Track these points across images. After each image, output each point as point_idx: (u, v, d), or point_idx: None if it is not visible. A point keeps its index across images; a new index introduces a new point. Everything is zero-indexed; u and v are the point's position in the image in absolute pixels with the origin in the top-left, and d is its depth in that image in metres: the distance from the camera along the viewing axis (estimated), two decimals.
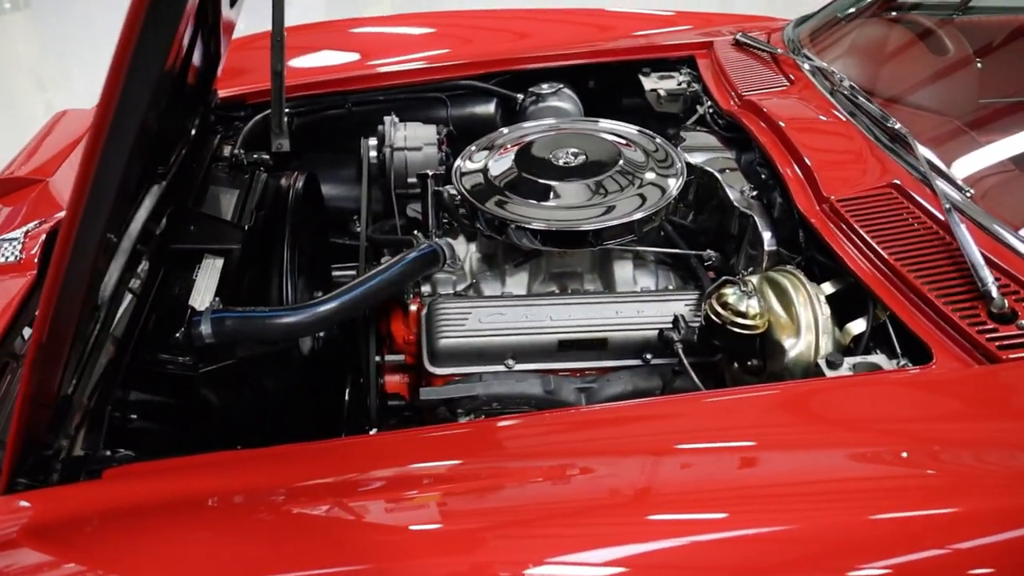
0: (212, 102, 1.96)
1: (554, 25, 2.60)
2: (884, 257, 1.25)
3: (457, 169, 1.64)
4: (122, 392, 1.31)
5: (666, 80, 2.04)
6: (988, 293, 1.13)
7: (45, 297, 0.90)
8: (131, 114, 0.90)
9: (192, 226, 1.56)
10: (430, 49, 2.24)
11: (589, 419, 1.17)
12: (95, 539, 1.04)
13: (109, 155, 0.87)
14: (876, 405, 1.07)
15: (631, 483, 0.98)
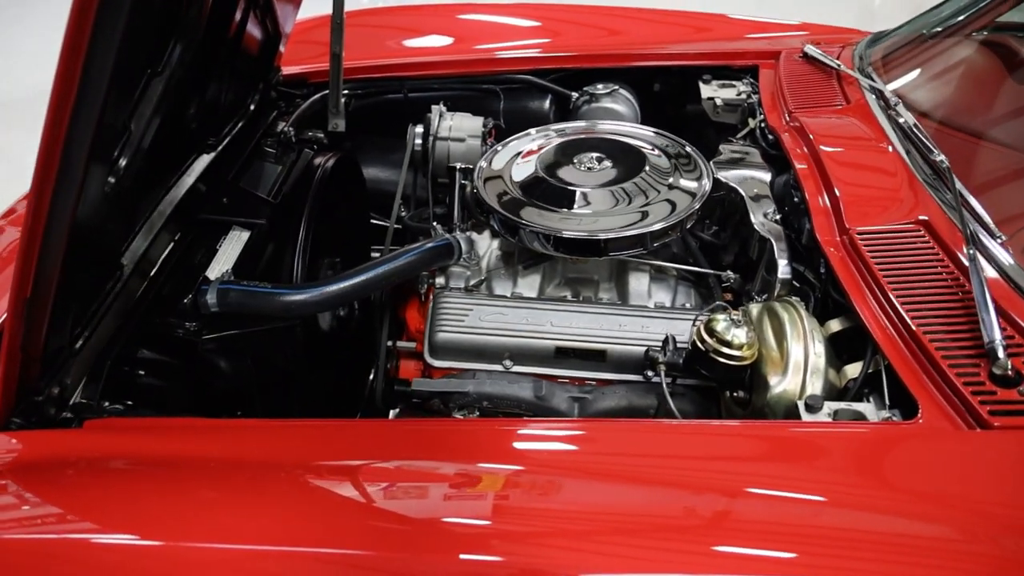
0: (274, 79, 2.03)
1: (648, 25, 2.53)
2: (890, 298, 1.16)
3: (479, 167, 1.64)
4: (132, 349, 1.40)
5: (726, 89, 1.96)
6: (993, 351, 1.03)
7: (23, 254, 0.97)
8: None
9: (225, 198, 1.63)
10: (507, 40, 2.24)
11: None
12: (73, 483, 1.12)
13: (84, 95, 0.88)
14: (828, 457, 1.00)
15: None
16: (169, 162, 1.58)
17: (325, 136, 2.09)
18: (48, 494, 1.10)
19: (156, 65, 1.18)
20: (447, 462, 1.06)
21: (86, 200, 1.03)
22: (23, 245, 0.96)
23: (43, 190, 0.92)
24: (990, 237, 1.20)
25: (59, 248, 1.00)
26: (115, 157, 1.13)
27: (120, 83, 0.96)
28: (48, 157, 0.89)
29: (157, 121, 1.30)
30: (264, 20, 1.76)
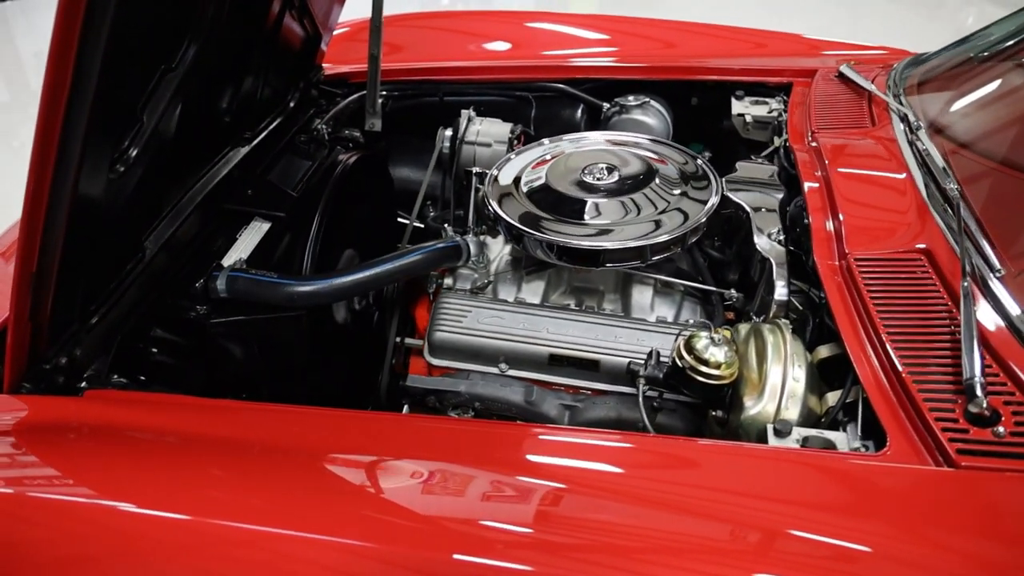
0: (315, 78, 2.11)
1: (705, 39, 2.49)
2: (876, 327, 1.13)
3: (490, 173, 1.66)
4: (147, 328, 1.47)
5: (758, 106, 1.93)
6: (972, 388, 0.99)
7: (25, 232, 1.04)
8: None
9: (249, 189, 1.70)
10: (562, 48, 2.26)
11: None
12: (71, 447, 1.19)
13: (77, 85, 0.93)
14: (782, 481, 0.98)
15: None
16: (200, 153, 1.66)
17: (361, 135, 2.16)
18: (45, 455, 1.17)
19: (170, 62, 1.25)
20: (454, 463, 1.07)
21: (89, 184, 1.10)
22: (24, 224, 1.03)
23: (41, 173, 0.99)
24: (990, 271, 1.15)
25: (60, 226, 1.06)
26: (124, 146, 1.20)
27: (118, 75, 1.01)
28: (44, 144, 0.96)
29: (177, 114, 1.37)
30: (302, 20, 1.83)
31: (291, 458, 1.12)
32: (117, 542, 1.04)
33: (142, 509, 1.05)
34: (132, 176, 1.24)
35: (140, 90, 1.20)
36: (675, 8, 6.66)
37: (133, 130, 1.21)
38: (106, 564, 1.04)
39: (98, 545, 1.05)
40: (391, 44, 2.43)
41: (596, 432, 1.23)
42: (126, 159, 1.20)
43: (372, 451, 1.13)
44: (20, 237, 1.05)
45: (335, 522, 0.98)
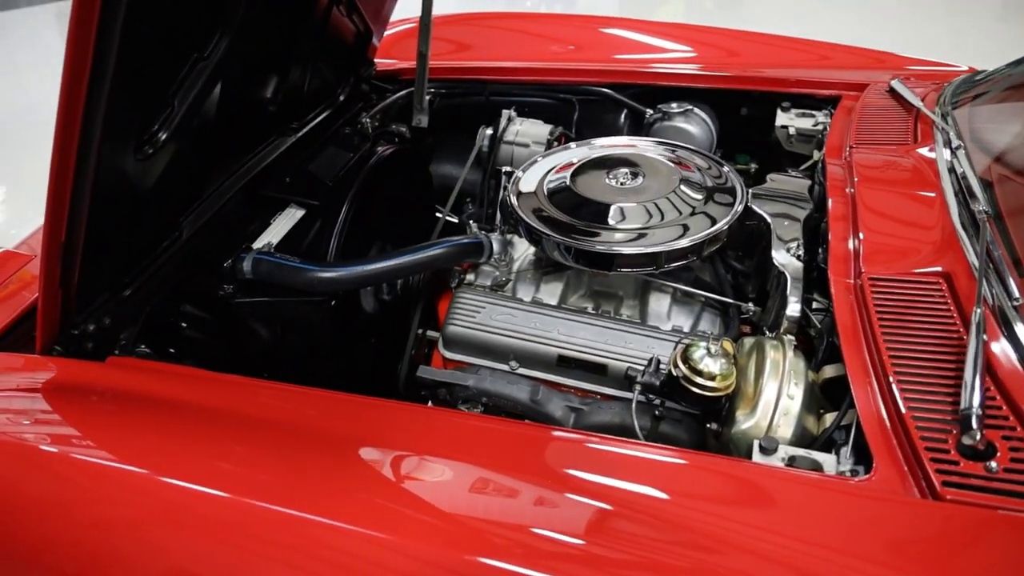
0: (366, 72, 2.16)
1: (768, 48, 2.44)
2: (880, 348, 1.09)
3: (515, 175, 1.67)
4: (178, 303, 1.55)
5: (804, 118, 1.88)
6: (967, 420, 0.95)
7: (51, 208, 1.11)
8: None
9: (288, 177, 1.76)
10: (629, 53, 2.26)
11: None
12: (95, 409, 1.26)
13: (96, 70, 0.98)
14: (755, 499, 0.96)
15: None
16: (243, 141, 1.73)
17: (408, 131, 2.21)
18: (68, 414, 1.24)
19: (203, 51, 1.30)
20: (483, 465, 1.06)
21: (114, 163, 1.16)
22: (49, 197, 1.10)
23: (65, 151, 1.05)
24: (1009, 300, 1.09)
25: (85, 201, 1.13)
26: (154, 129, 1.26)
27: (139, 59, 1.07)
28: (66, 124, 1.02)
29: (214, 101, 1.43)
30: (350, 15, 1.88)
31: (310, 441, 1.13)
32: (124, 504, 1.09)
33: (153, 473, 1.09)
34: (162, 158, 1.31)
35: (170, 76, 1.26)
36: (763, 19, 6.54)
37: (163, 114, 1.27)
38: (106, 521, 1.09)
39: (105, 505, 1.10)
40: (457, 42, 2.47)
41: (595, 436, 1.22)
42: (155, 142, 1.26)
43: (397, 443, 1.12)
44: (47, 209, 1.12)
45: (354, 511, 0.99)
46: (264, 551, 1.01)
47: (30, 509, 1.10)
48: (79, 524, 1.09)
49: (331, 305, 1.59)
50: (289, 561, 0.99)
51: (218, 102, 1.48)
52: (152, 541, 1.05)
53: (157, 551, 1.05)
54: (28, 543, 1.10)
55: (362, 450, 1.12)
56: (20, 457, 1.13)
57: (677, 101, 2.01)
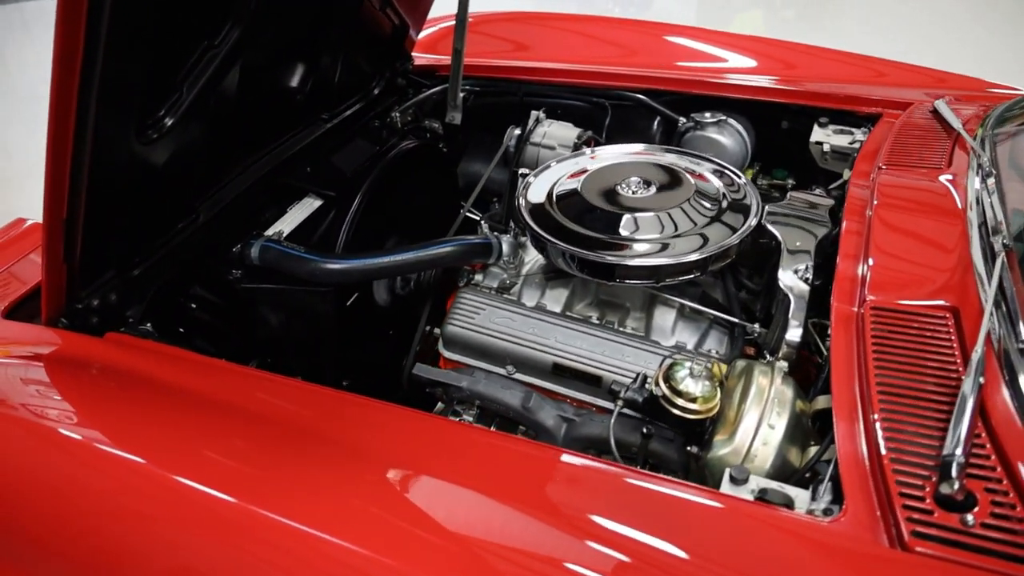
0: (402, 67, 2.17)
1: (826, 63, 2.33)
2: (869, 383, 1.03)
3: (526, 180, 1.64)
4: (188, 285, 1.58)
5: (841, 135, 1.80)
6: (947, 466, 0.89)
7: (49, 188, 1.14)
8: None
9: (308, 167, 1.78)
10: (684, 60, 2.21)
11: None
12: (93, 384, 1.30)
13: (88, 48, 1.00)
14: (705, 531, 0.91)
15: None
16: (268, 129, 1.75)
17: (441, 127, 2.21)
18: (61, 384, 1.28)
19: (213, 39, 1.32)
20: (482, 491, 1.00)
21: (112, 145, 1.18)
22: (47, 175, 1.13)
23: (61, 130, 1.08)
24: (1015, 341, 1.02)
25: (82, 182, 1.16)
26: (160, 114, 1.28)
27: (129, 44, 1.08)
28: (60, 107, 1.05)
29: (231, 90, 1.45)
30: (384, 9, 1.88)
31: (299, 441, 1.12)
32: (103, 486, 1.10)
33: (135, 457, 1.10)
34: (169, 143, 1.33)
35: (178, 63, 1.28)
36: (843, 32, 6.33)
37: (170, 100, 1.30)
38: (75, 495, 1.11)
39: (83, 483, 1.11)
40: (514, 41, 2.44)
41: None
42: (160, 126, 1.29)
43: (401, 453, 1.09)
44: (45, 186, 1.15)
45: (348, 523, 0.97)
46: (234, 544, 1.00)
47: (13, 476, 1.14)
48: (57, 494, 1.12)
49: (336, 295, 1.60)
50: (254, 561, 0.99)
51: (237, 90, 1.50)
52: (123, 514, 1.07)
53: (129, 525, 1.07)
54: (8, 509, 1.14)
55: (352, 455, 1.08)
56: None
57: (712, 110, 1.95)
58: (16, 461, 1.15)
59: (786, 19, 7.65)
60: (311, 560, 0.95)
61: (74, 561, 1.07)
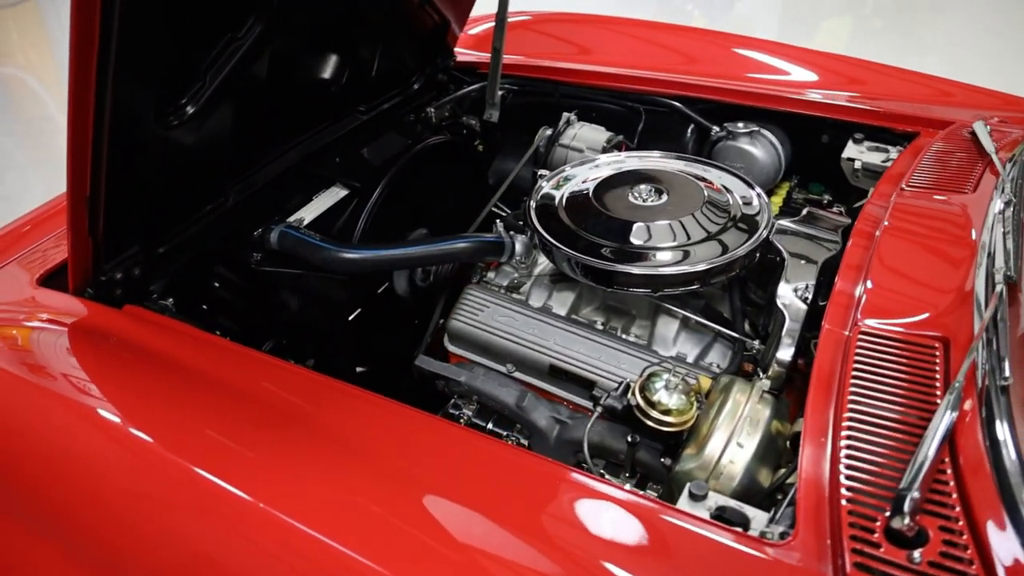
0: (444, 63, 2.20)
1: (890, 80, 2.23)
2: (841, 408, 1.01)
3: (539, 184, 1.65)
4: (212, 265, 1.65)
5: (875, 152, 1.74)
6: (900, 500, 0.87)
7: (74, 162, 1.21)
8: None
9: (338, 157, 1.83)
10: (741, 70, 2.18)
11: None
12: (107, 351, 1.38)
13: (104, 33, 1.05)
14: (646, 544, 0.91)
15: None
16: (302, 119, 1.81)
17: (478, 124, 2.23)
18: (81, 351, 1.36)
19: (236, 32, 1.37)
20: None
21: (131, 129, 1.25)
22: (69, 158, 1.20)
23: (81, 109, 1.15)
24: (998, 377, 0.98)
25: (102, 163, 1.23)
26: (182, 102, 1.34)
27: (146, 34, 1.14)
28: (79, 90, 1.11)
29: (260, 79, 1.50)
30: (422, 6, 1.91)
31: (299, 432, 1.13)
32: (100, 452, 1.17)
33: (140, 433, 1.17)
34: (191, 129, 1.39)
35: (200, 53, 1.34)
36: (931, 45, 6.08)
37: (193, 89, 1.36)
38: (81, 459, 1.18)
39: (83, 449, 1.18)
40: (576, 43, 2.44)
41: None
42: (181, 114, 1.35)
43: (406, 455, 1.09)
44: (68, 166, 1.22)
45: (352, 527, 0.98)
46: (211, 519, 1.04)
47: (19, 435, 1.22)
48: (57, 452, 1.19)
49: (353, 284, 1.64)
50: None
51: (269, 79, 1.56)
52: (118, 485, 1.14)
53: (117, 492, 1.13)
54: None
55: (338, 445, 1.10)
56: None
57: (744, 121, 1.92)
58: (30, 423, 1.23)
59: (874, 29, 7.37)
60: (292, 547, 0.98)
61: (66, 516, 1.15)
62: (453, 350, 1.59)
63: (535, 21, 2.69)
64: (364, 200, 1.71)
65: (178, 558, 1.04)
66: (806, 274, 1.33)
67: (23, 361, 1.30)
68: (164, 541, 1.06)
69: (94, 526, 1.11)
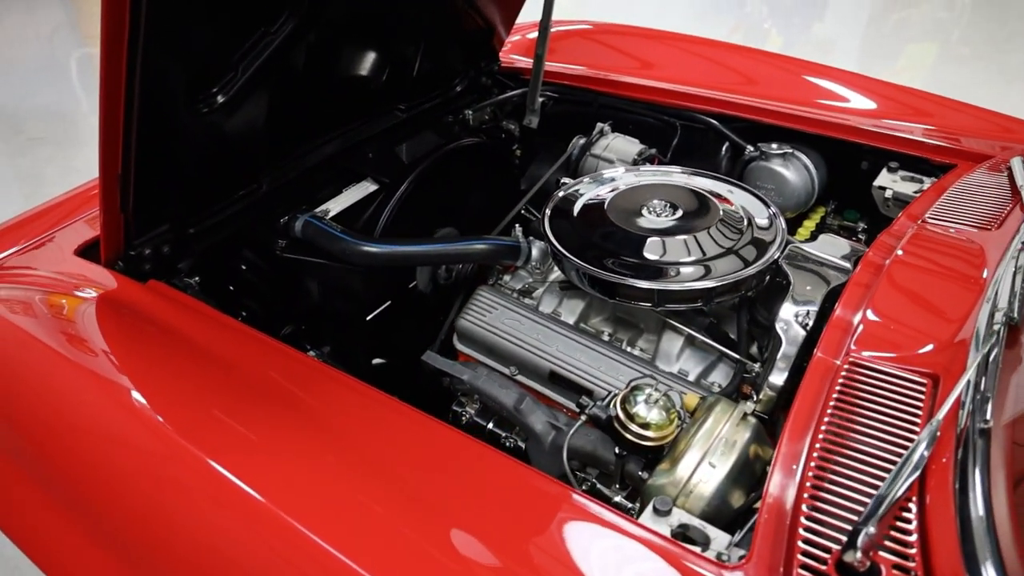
0: (488, 67, 2.23)
1: (952, 114, 2.14)
2: (817, 437, 1.00)
3: (555, 193, 1.66)
4: (239, 248, 1.71)
5: (909, 182, 1.70)
6: (855, 535, 0.85)
7: (105, 143, 1.28)
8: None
9: (371, 153, 1.88)
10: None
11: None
12: (129, 324, 1.45)
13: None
14: (578, 550, 0.92)
15: None
16: (339, 114, 1.86)
17: (518, 129, 2.26)
18: (105, 321, 1.44)
19: (270, 26, 1.43)
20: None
21: (160, 115, 1.31)
22: (101, 139, 1.27)
23: (113, 92, 1.21)
24: (979, 419, 0.95)
25: (132, 145, 1.29)
26: (213, 91, 1.41)
27: (174, 23, 1.20)
28: (110, 74, 1.18)
29: (295, 72, 1.56)
30: (466, 9, 1.94)
31: (302, 426, 1.15)
32: (104, 417, 1.22)
33: (140, 397, 1.22)
34: (221, 118, 1.45)
35: (232, 45, 1.40)
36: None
37: (225, 79, 1.42)
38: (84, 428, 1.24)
39: (90, 415, 1.23)
40: (640, 58, 2.43)
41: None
42: (211, 103, 1.41)
43: (381, 445, 1.10)
44: (100, 144, 1.29)
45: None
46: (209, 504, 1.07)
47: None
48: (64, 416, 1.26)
49: (378, 277, 1.68)
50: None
51: (306, 74, 1.61)
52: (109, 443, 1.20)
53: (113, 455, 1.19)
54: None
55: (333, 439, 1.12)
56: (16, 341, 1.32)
57: (778, 142, 1.89)
58: (43, 380, 1.31)
59: (961, 56, 7.11)
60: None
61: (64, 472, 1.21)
62: (461, 349, 1.61)
63: (596, 31, 2.69)
64: (389, 195, 1.75)
65: (167, 531, 1.09)
66: (811, 299, 1.31)
67: (46, 324, 1.38)
68: (149, 503, 1.11)
69: (79, 476, 1.17)
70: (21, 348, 1.33)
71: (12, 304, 1.46)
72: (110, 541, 1.12)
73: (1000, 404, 0.97)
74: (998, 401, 0.98)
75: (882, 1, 8.00)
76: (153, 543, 1.08)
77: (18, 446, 1.27)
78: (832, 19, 7.65)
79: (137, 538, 1.10)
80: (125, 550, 1.11)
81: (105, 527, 1.13)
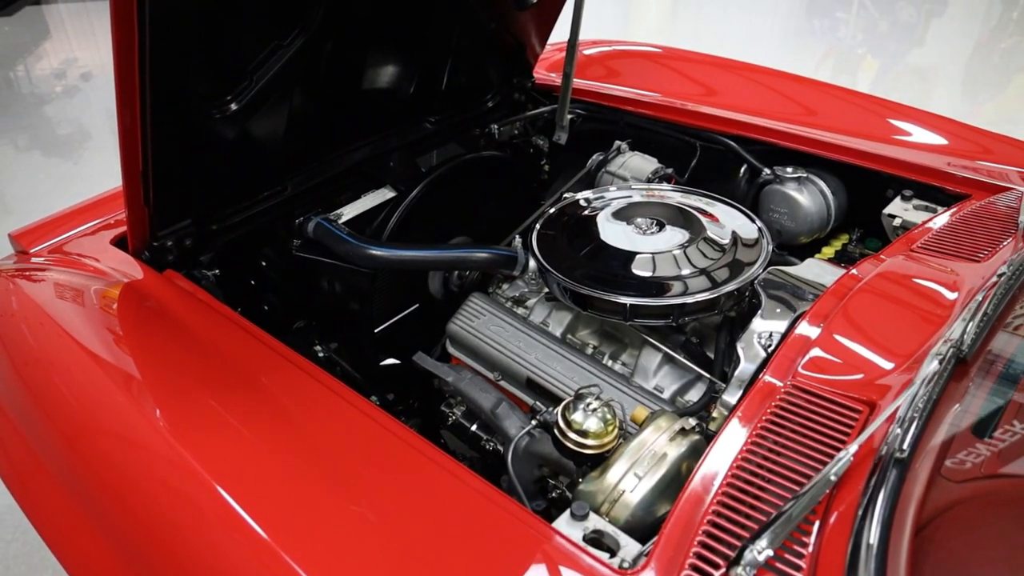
0: (522, 84, 2.29)
1: (985, 141, 2.05)
2: (738, 454, 1.00)
3: (545, 210, 1.69)
4: (260, 245, 1.83)
5: (920, 212, 1.65)
6: (741, 552, 0.85)
7: (125, 142, 1.40)
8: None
9: (392, 161, 1.96)
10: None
11: None
12: (146, 310, 1.57)
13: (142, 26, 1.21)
14: (479, 546, 0.95)
15: None
16: (366, 123, 1.95)
17: (546, 144, 2.31)
18: (125, 305, 1.56)
19: (283, 39, 1.52)
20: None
21: (174, 120, 1.40)
22: (121, 139, 1.39)
23: (128, 87, 1.32)
24: (896, 448, 0.93)
25: (148, 146, 1.40)
26: (226, 98, 1.51)
27: (179, 30, 1.30)
28: (124, 80, 1.29)
29: (318, 83, 1.65)
30: (492, 25, 2.00)
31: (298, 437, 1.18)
32: (103, 398, 1.31)
33: (134, 371, 1.34)
34: (235, 124, 1.55)
35: (247, 55, 1.50)
36: None
37: (239, 87, 1.52)
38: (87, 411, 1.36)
39: (94, 398, 1.33)
40: (693, 79, 2.42)
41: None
42: (224, 109, 1.51)
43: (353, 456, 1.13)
44: (119, 140, 1.41)
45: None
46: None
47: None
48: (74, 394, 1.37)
49: (375, 277, 1.75)
50: None
51: (327, 84, 1.71)
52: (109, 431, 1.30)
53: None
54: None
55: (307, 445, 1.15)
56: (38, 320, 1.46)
57: (794, 165, 1.87)
58: (60, 357, 1.44)
59: None
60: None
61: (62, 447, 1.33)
62: (452, 352, 1.67)
63: (666, 56, 2.65)
64: (400, 202, 1.83)
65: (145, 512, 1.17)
66: (778, 323, 1.30)
67: (67, 306, 1.51)
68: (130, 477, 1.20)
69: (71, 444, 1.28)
70: (44, 327, 1.47)
71: (51, 286, 1.61)
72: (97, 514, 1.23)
73: (928, 437, 0.95)
74: (927, 433, 0.95)
75: (989, 28, 7.63)
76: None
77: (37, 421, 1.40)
78: (933, 45, 7.32)
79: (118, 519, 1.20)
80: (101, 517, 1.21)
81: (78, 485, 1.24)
